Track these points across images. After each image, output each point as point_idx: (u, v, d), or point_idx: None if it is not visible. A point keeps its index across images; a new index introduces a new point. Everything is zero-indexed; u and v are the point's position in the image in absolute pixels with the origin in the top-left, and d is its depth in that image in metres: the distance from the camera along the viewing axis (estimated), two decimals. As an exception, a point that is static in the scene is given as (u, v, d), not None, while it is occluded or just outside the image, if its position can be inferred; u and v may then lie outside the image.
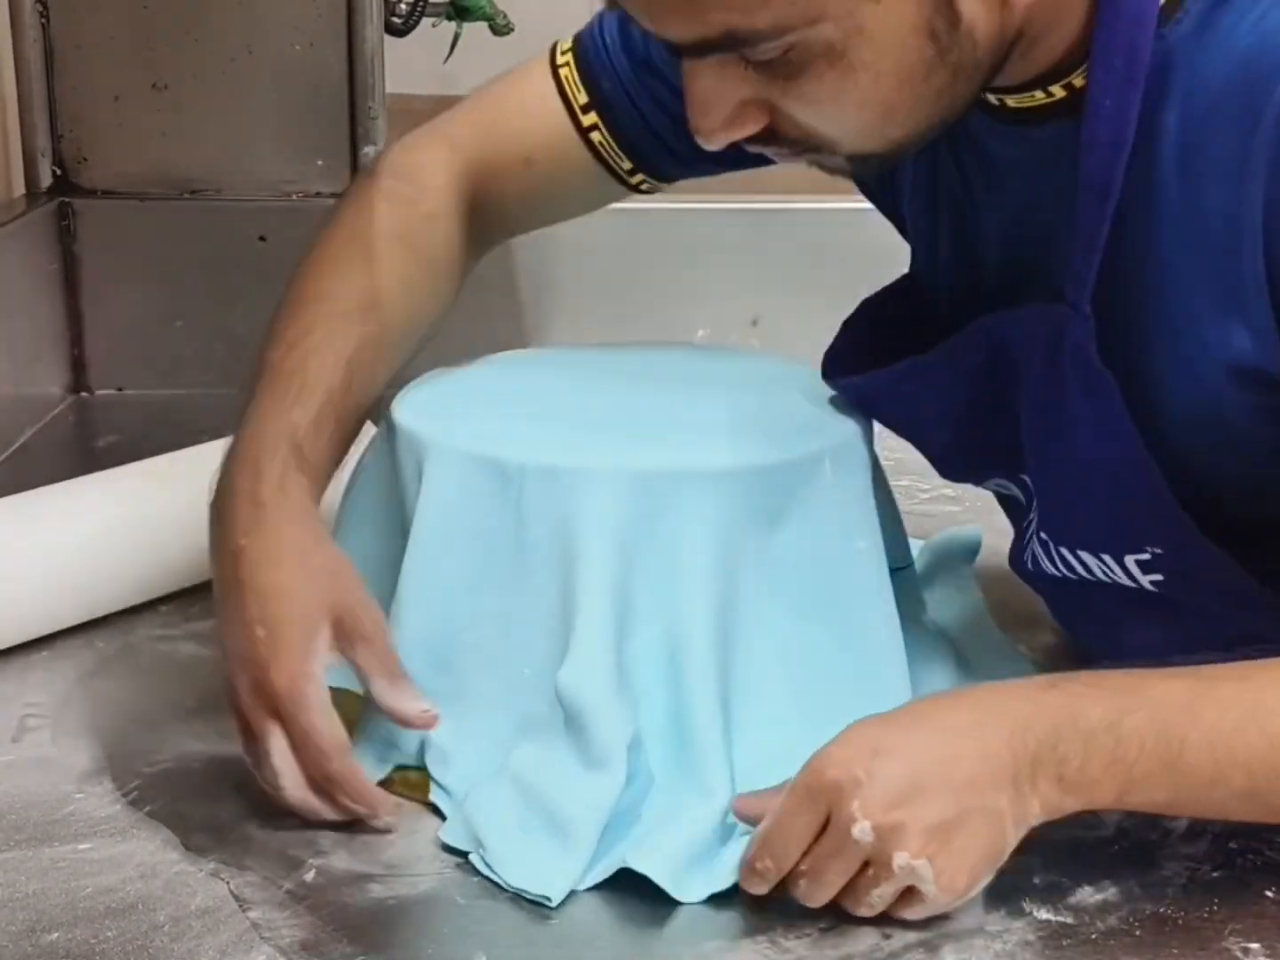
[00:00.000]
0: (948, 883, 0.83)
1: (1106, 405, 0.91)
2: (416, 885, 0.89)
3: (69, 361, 1.71)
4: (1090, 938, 0.85)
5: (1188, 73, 0.86)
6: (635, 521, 0.94)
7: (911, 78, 0.85)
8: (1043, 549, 1.00)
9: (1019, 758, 0.83)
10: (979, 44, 0.85)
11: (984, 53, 0.86)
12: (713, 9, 0.82)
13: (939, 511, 1.37)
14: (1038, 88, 0.91)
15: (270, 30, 1.69)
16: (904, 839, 0.82)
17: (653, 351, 1.18)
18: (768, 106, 0.87)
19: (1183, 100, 0.86)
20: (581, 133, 1.13)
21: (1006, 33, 0.86)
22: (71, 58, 1.69)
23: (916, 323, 1.05)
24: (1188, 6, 0.86)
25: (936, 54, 0.84)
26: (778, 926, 0.85)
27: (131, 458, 1.26)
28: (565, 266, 1.71)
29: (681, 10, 0.83)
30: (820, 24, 0.82)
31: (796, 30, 0.82)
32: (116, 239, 1.70)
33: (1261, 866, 0.90)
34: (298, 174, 1.72)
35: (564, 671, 0.92)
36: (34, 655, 1.14)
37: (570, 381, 1.10)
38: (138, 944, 0.83)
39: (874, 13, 0.82)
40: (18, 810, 0.95)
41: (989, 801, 0.83)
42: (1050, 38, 0.89)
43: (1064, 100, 0.90)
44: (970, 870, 0.84)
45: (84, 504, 1.19)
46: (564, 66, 1.13)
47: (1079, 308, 0.90)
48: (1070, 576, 1.00)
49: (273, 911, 0.86)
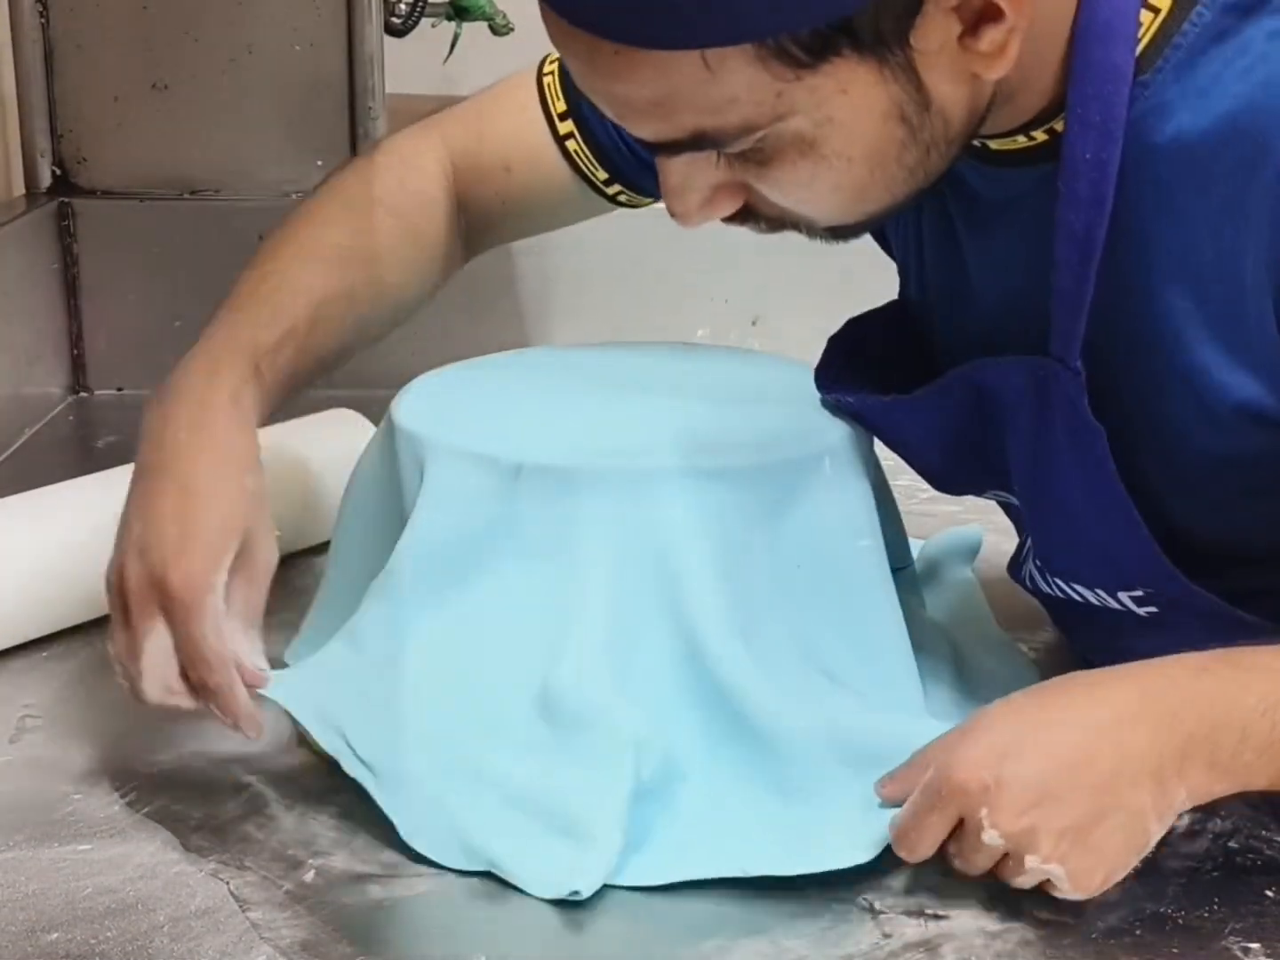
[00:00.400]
0: (1083, 882, 0.83)
1: (1093, 457, 0.90)
2: (416, 885, 0.89)
3: (69, 361, 1.72)
4: (1091, 937, 0.85)
5: (1171, 122, 0.85)
6: (635, 521, 0.94)
7: (884, 160, 0.84)
8: (1039, 573, 1.00)
9: (1164, 754, 0.82)
10: (951, 121, 0.85)
11: (957, 128, 0.86)
12: (682, 112, 0.81)
13: (939, 511, 1.36)
14: (1020, 134, 0.91)
15: (270, 31, 1.69)
16: (1035, 843, 0.82)
17: (653, 351, 1.18)
18: (743, 187, 0.87)
19: (1168, 150, 0.85)
20: (558, 141, 1.13)
21: (979, 103, 0.86)
22: (71, 58, 1.69)
23: (906, 346, 1.05)
24: (1167, 55, 0.85)
25: (909, 134, 0.84)
26: (777, 926, 0.85)
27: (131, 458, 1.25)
28: (566, 266, 1.71)
29: (650, 114, 0.82)
30: (790, 118, 0.81)
31: (765, 127, 0.82)
32: (116, 239, 1.70)
33: (1262, 866, 0.90)
34: (297, 174, 1.72)
35: (560, 672, 0.92)
36: (33, 655, 1.14)
37: (570, 381, 1.10)
38: (137, 944, 0.83)
39: (843, 104, 0.81)
40: (17, 811, 0.95)
41: (1128, 800, 0.82)
42: (1027, 93, 0.88)
43: (1046, 144, 0.90)
44: (1106, 868, 0.83)
45: (84, 504, 1.19)
46: (549, 75, 1.13)
47: (1068, 363, 0.89)
48: (1071, 598, 1.00)
49: (272, 912, 0.86)
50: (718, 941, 0.84)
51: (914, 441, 1.03)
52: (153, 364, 1.70)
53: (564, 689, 0.92)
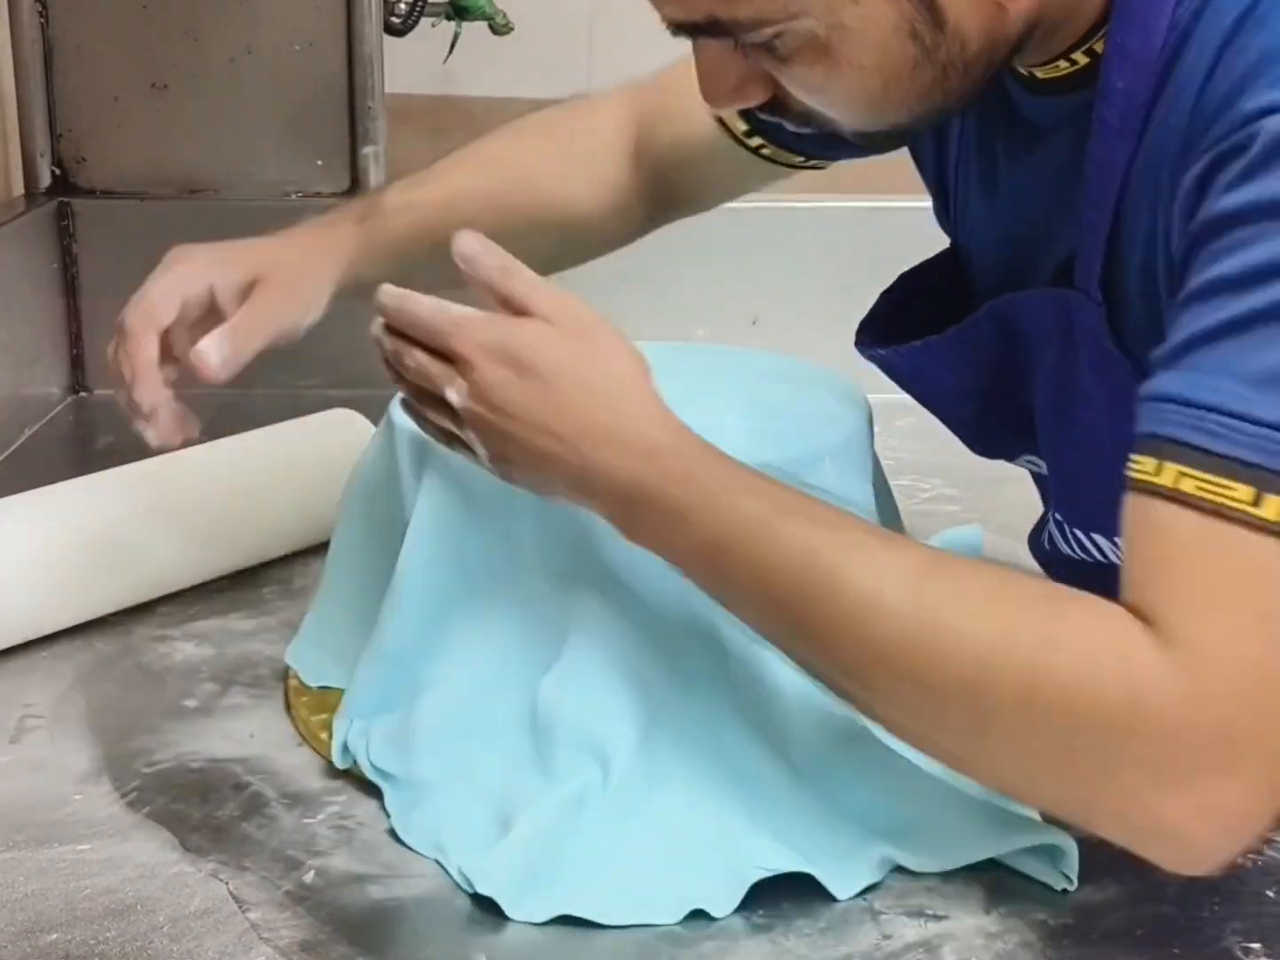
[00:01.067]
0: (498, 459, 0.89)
1: (1117, 384, 0.90)
2: (415, 886, 0.89)
3: (68, 361, 1.71)
4: (1091, 938, 0.85)
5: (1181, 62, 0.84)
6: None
7: (896, 74, 0.85)
8: (1058, 530, 1.01)
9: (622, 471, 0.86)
10: (968, 44, 0.85)
11: (976, 51, 0.86)
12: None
13: (939, 511, 1.37)
14: (1062, 59, 0.91)
15: (269, 30, 1.69)
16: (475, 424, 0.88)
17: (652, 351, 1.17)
18: (771, 81, 0.88)
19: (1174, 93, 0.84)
20: None
21: (1006, 31, 0.86)
22: (71, 58, 1.69)
23: (953, 297, 1.05)
24: None
25: (921, 52, 0.84)
26: (777, 926, 0.85)
27: (130, 458, 1.26)
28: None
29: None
30: (802, 18, 0.83)
31: (778, 23, 0.83)
32: (115, 239, 1.70)
33: (1262, 866, 0.90)
34: (297, 174, 1.72)
35: (547, 680, 0.92)
36: (33, 656, 1.14)
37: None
38: (137, 945, 0.83)
39: (853, 12, 0.82)
40: (17, 811, 0.95)
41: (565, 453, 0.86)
42: (1072, 22, 0.88)
43: (1088, 67, 0.90)
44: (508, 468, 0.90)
45: (82, 504, 1.19)
46: None
47: (1088, 292, 0.90)
48: (1086, 560, 1.00)
49: (272, 912, 0.86)
50: (718, 942, 0.84)
51: (946, 390, 1.04)
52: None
53: (546, 697, 0.92)
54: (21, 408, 1.61)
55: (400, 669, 0.98)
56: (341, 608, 1.06)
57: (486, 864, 0.87)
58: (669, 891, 0.87)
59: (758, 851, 0.88)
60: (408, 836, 0.91)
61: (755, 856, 0.88)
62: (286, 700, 1.07)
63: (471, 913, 0.87)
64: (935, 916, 0.86)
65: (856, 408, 1.05)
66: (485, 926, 0.86)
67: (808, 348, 1.09)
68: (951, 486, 1.42)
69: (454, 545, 0.96)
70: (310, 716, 1.03)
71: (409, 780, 0.94)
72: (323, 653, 1.07)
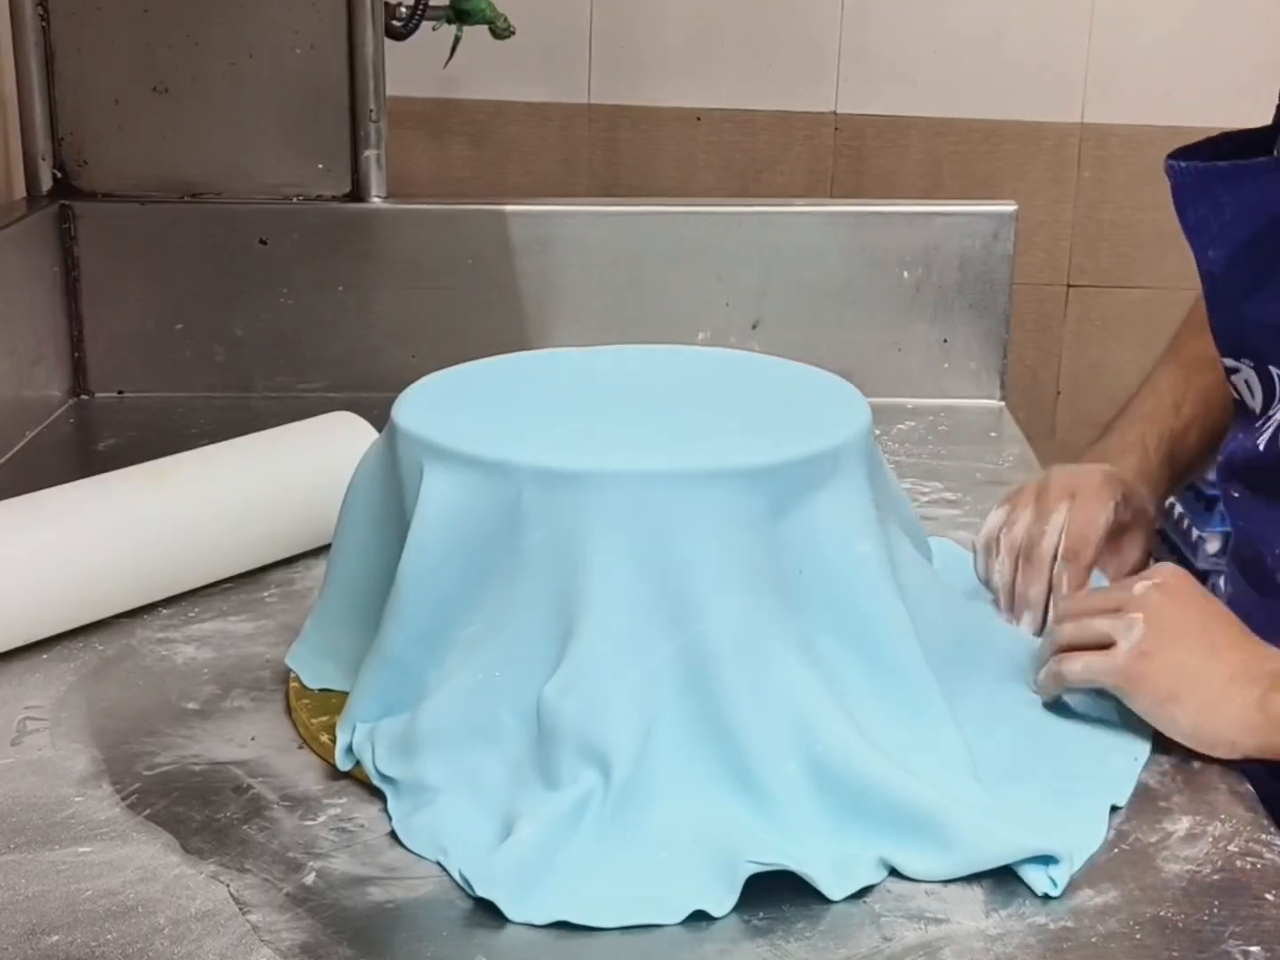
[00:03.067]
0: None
1: None
2: (416, 888, 0.89)
3: (69, 364, 1.71)
4: (1090, 941, 0.85)
5: None
6: (637, 524, 0.94)
7: None
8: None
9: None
10: None
11: None
12: None
13: (939, 514, 1.37)
14: None
15: (270, 34, 1.69)
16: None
17: (654, 354, 1.18)
18: None
19: None
20: None
21: None
22: (72, 61, 1.69)
23: None
24: None
25: None
26: (777, 929, 0.85)
27: (131, 461, 1.26)
28: (567, 269, 1.71)
29: None
30: None
31: None
32: (117, 242, 1.70)
33: (1261, 869, 0.90)
34: (298, 177, 1.72)
35: (551, 684, 0.92)
36: (34, 658, 1.14)
37: (571, 384, 1.10)
38: (138, 947, 0.83)
39: None
40: (17, 813, 0.95)
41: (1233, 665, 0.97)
42: None
43: None
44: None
45: (84, 507, 1.19)
46: None
47: None
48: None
49: (273, 914, 0.86)
50: (718, 945, 0.84)
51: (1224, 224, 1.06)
52: (153, 367, 1.73)
53: (549, 702, 0.92)
54: (22, 410, 1.61)
55: (403, 673, 0.98)
56: (342, 611, 1.06)
57: (487, 867, 0.87)
58: (669, 893, 0.87)
59: (753, 850, 0.88)
60: (409, 839, 0.92)
61: (750, 854, 0.88)
62: (287, 703, 1.07)
63: (472, 915, 0.87)
64: (935, 920, 0.86)
65: (857, 411, 1.05)
66: (485, 928, 0.86)
67: (808, 351, 1.09)
68: (951, 490, 1.42)
69: (456, 548, 0.96)
70: (311, 719, 1.03)
71: (411, 784, 0.94)
72: (324, 656, 1.07)
